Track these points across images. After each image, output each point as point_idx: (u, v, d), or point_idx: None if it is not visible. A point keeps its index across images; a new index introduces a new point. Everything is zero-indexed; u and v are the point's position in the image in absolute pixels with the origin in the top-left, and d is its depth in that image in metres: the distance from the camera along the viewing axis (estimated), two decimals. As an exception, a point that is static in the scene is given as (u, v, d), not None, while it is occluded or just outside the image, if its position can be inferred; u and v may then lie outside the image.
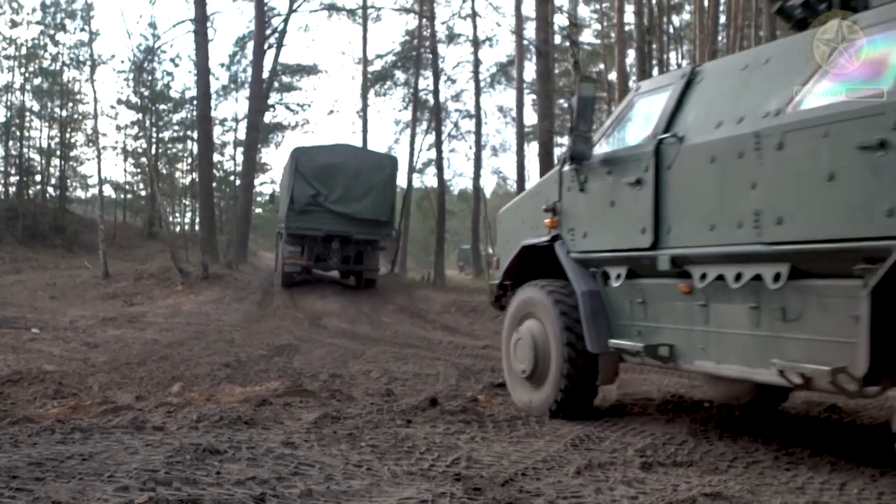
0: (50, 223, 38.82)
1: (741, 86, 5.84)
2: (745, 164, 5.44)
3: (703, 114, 6.09)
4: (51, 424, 6.01)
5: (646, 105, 6.79)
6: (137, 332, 15.32)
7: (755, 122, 5.42)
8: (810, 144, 4.98)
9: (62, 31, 42.59)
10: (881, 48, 4.78)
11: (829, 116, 4.88)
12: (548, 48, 27.63)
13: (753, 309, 5.46)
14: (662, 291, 6.33)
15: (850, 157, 4.70)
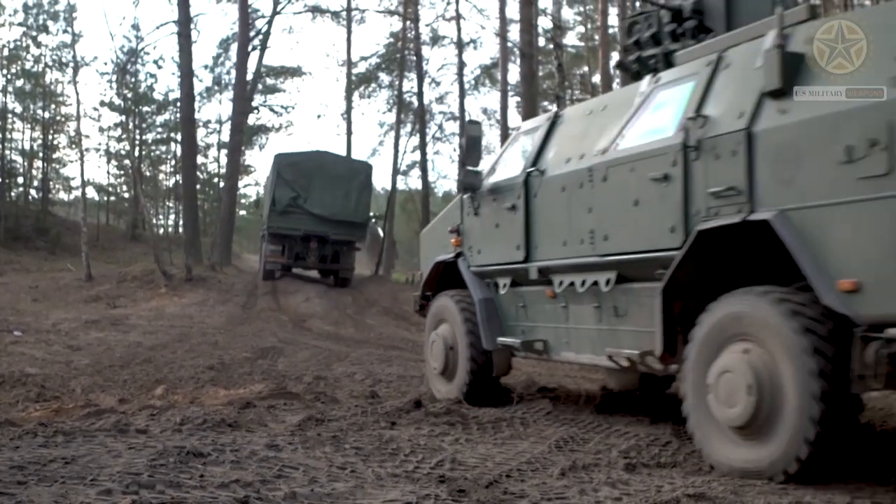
0: (32, 225, 38.62)
1: (585, 128, 7.21)
2: (583, 193, 6.77)
3: (558, 151, 7.43)
4: (33, 428, 5.98)
5: (523, 143, 8.14)
6: (121, 335, 15.26)
7: (590, 158, 6.74)
8: (623, 177, 6.29)
9: (45, 33, 42.48)
10: (672, 99, 6.18)
11: (634, 155, 6.20)
12: (532, 50, 27.70)
13: (596, 308, 6.77)
14: (535, 297, 7.61)
15: (647, 187, 5.99)
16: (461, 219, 8.67)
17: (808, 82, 5.01)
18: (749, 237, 5.36)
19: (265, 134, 47.89)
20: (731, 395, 5.09)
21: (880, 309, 4.43)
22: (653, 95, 6.46)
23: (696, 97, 5.88)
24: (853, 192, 4.54)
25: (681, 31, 7.05)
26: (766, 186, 5.14)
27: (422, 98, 36.55)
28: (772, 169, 5.12)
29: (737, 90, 5.60)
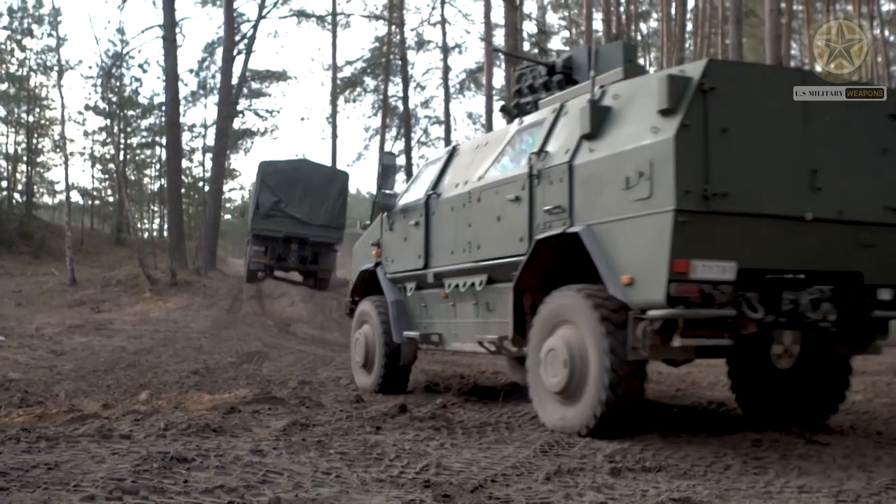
0: (16, 229, 38.40)
1: (472, 160, 8.75)
2: (465, 211, 8.33)
3: (451, 178, 8.97)
4: (16, 433, 5.95)
5: (428, 171, 9.73)
6: (105, 340, 15.22)
7: (470, 184, 8.32)
8: (491, 198, 7.87)
9: (29, 36, 42.29)
10: (528, 138, 7.69)
11: (498, 181, 7.80)
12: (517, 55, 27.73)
13: (474, 305, 8.29)
14: (432, 298, 9.08)
15: (506, 206, 7.56)
16: (381, 234, 10.24)
17: (611, 128, 6.54)
18: (570, 245, 6.64)
19: (250, 138, 47.85)
20: (554, 368, 6.64)
21: (645, 296, 5.91)
22: (517, 135, 8.04)
23: (542, 137, 7.44)
24: (629, 210, 6.08)
25: (552, 83, 8.68)
26: (580, 206, 6.67)
27: (407, 102, 36.63)
28: (583, 193, 6.65)
29: (568, 133, 7.08)
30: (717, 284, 5.83)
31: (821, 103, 6.25)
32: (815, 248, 6.22)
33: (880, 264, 6.43)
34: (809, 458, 5.70)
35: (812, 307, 6.18)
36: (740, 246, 5.93)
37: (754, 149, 6.04)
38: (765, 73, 6.88)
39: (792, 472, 5.26)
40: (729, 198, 5.82)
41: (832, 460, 5.64)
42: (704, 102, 5.87)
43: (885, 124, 6.51)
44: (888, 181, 6.48)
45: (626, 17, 31.87)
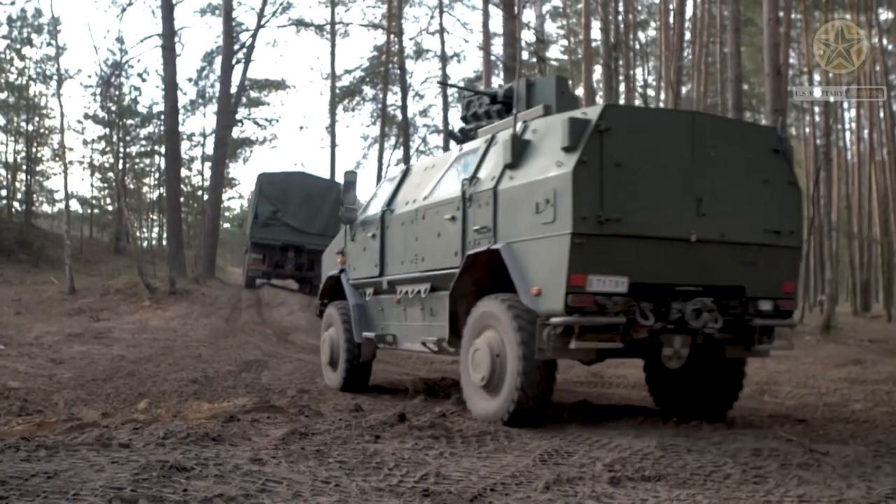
0: (16, 238, 38.40)
1: (421, 180, 9.80)
2: (413, 227, 9.40)
3: (403, 196, 10.01)
4: (15, 442, 5.94)
5: (385, 188, 10.85)
6: (104, 348, 15.21)
7: (418, 203, 9.36)
8: (433, 216, 8.90)
9: (28, 46, 42.32)
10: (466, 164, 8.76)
11: (439, 202, 8.85)
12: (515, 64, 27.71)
13: (421, 310, 9.26)
14: (387, 302, 10.09)
15: (445, 224, 8.62)
16: (345, 243, 11.33)
17: (529, 159, 7.57)
18: (495, 260, 7.65)
19: (249, 147, 47.85)
20: (479, 365, 7.71)
21: (549, 306, 6.94)
22: (457, 160, 9.11)
23: (475, 164, 8.50)
24: (538, 232, 7.11)
25: (493, 112, 9.70)
26: (502, 227, 7.71)
27: (406, 111, 36.67)
28: (505, 215, 7.67)
29: (495, 161, 8.08)
30: (610, 296, 6.89)
31: (708, 140, 7.34)
32: (701, 266, 7.30)
33: (761, 279, 7.56)
34: (809, 468, 5.70)
35: (695, 316, 7.21)
36: (632, 263, 6.97)
37: (645, 180, 7.05)
38: (657, 115, 8.58)
39: (791, 481, 5.26)
40: (621, 222, 6.87)
41: (832, 469, 5.64)
42: (601, 141, 6.89)
43: (768, 157, 7.69)
44: (769, 207, 7.59)
45: (625, 25, 31.90)
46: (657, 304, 7.21)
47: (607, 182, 6.85)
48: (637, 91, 33.16)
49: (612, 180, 6.86)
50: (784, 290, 7.76)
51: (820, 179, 28.11)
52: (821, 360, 14.33)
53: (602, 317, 6.86)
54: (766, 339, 7.76)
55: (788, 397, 10.39)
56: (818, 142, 32.71)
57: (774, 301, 7.68)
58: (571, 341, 6.89)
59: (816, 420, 8.35)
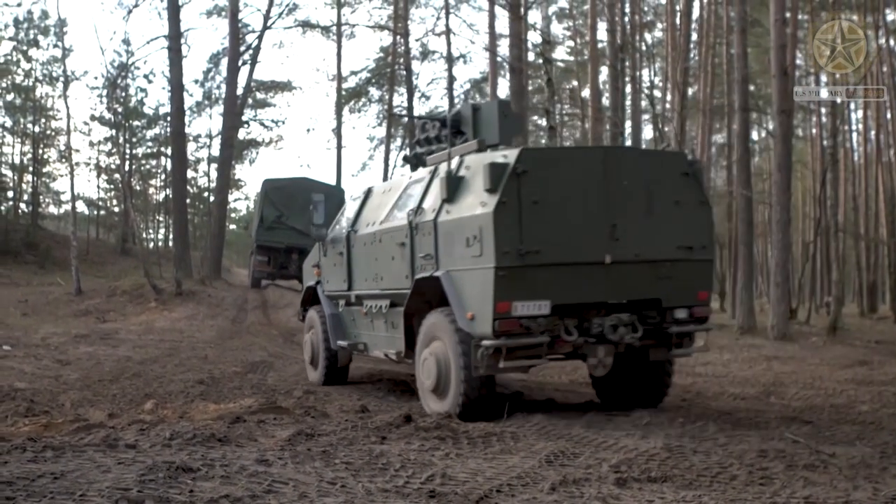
0: (22, 239, 38.51)
1: (380, 202, 10.57)
2: (372, 248, 10.21)
3: (365, 217, 10.83)
4: (22, 443, 5.95)
5: (351, 206, 11.65)
6: (110, 349, 15.23)
7: (376, 226, 10.16)
8: (388, 240, 9.70)
9: (35, 47, 42.39)
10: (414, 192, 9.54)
11: (392, 228, 9.66)
12: (521, 65, 27.69)
13: (384, 322, 9.98)
14: (357, 314, 10.84)
15: (397, 249, 9.42)
16: (319, 258, 12.13)
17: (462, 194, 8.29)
18: (438, 284, 8.39)
19: (255, 148, 47.94)
20: (429, 372, 8.56)
21: (481, 329, 7.77)
22: (408, 187, 9.87)
23: (420, 194, 9.28)
24: (470, 264, 7.94)
25: (443, 136, 10.08)
26: (442, 255, 8.45)
27: (412, 112, 36.58)
28: (444, 245, 8.41)
29: (437, 193, 8.75)
30: (535, 318, 7.75)
31: (620, 171, 8.16)
32: (618, 284, 8.15)
33: (676, 291, 8.38)
34: (815, 469, 5.70)
35: (612, 330, 8.12)
36: (553, 287, 7.83)
37: (561, 213, 7.90)
38: (571, 153, 9.65)
39: (798, 482, 5.25)
40: (540, 253, 7.71)
41: (838, 471, 5.63)
42: (518, 183, 7.72)
43: (679, 181, 8.44)
44: (681, 226, 8.35)
45: (631, 27, 31.86)
46: (581, 320, 8.15)
47: (526, 219, 7.72)
48: (643, 92, 33.03)
49: (531, 217, 7.74)
50: (698, 299, 8.64)
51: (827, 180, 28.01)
52: (827, 361, 14.30)
53: (527, 338, 7.78)
54: (686, 342, 8.77)
55: (795, 398, 10.36)
56: (825, 143, 32.59)
57: (689, 309, 8.54)
58: (501, 361, 7.76)
59: (823, 421, 8.33)
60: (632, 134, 33.41)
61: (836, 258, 29.04)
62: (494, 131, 9.46)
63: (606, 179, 8.11)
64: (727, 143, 34.41)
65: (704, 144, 34.56)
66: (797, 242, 40.53)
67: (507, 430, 7.21)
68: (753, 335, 18.33)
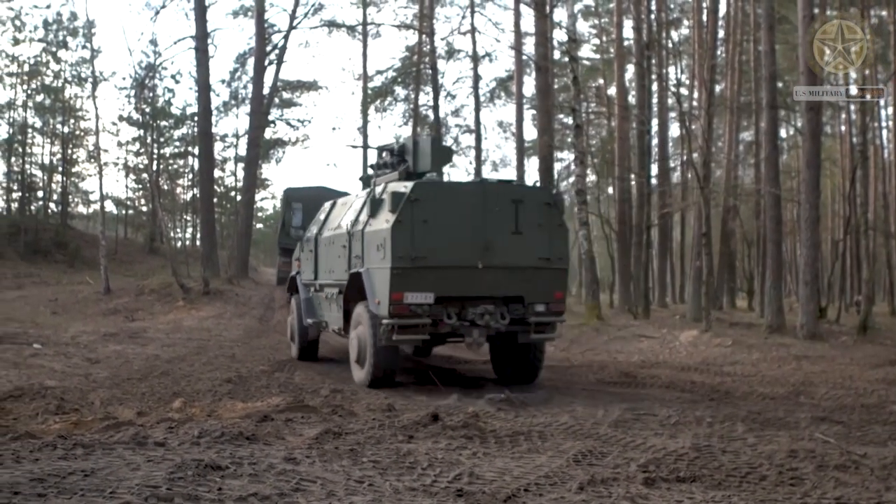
0: (52, 239, 38.85)
1: (338, 213, 13.46)
2: (329, 248, 13.06)
3: (328, 223, 13.73)
4: (52, 440, 6.00)
5: (321, 215, 14.58)
6: (139, 348, 15.33)
7: (332, 231, 13.03)
8: (336, 243, 12.54)
9: (64, 49, 42.68)
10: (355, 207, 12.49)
11: (339, 234, 12.41)
12: (547, 63, 27.69)
13: (336, 305, 12.71)
14: (321, 298, 13.75)
15: (342, 249, 12.14)
16: (299, 253, 15.27)
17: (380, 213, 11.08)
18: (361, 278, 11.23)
19: (282, 147, 47.92)
20: (354, 348, 11.46)
21: (383, 312, 10.63)
22: (354, 202, 12.86)
23: (358, 209, 12.17)
24: (379, 264, 10.75)
25: (390, 162, 13.22)
26: (365, 257, 11.31)
27: (437, 111, 36.57)
28: (367, 249, 11.22)
29: (366, 210, 11.59)
30: (421, 305, 10.63)
31: (494, 200, 11.00)
32: (489, 284, 10.97)
33: (536, 290, 11.21)
34: (846, 470, 5.64)
35: (480, 317, 10.96)
36: (437, 284, 10.72)
37: (445, 231, 10.72)
38: (456, 186, 11.79)
39: (828, 483, 5.21)
40: (427, 258, 10.61)
41: (870, 472, 5.57)
42: (412, 207, 10.60)
43: (543, 209, 11.26)
44: (542, 243, 11.16)
45: (657, 24, 31.67)
46: (460, 309, 10.94)
47: (416, 233, 10.57)
48: (670, 90, 32.89)
49: (420, 232, 10.59)
50: (554, 297, 11.39)
51: (856, 178, 27.77)
52: (857, 360, 14.18)
53: (414, 319, 10.66)
54: (547, 330, 11.44)
55: (824, 398, 10.28)
56: (854, 140, 32.34)
57: (547, 305, 11.28)
58: (394, 335, 10.68)
59: (853, 422, 8.26)
60: (658, 131, 33.25)
61: (866, 256, 28.80)
62: (427, 161, 12.50)
63: (483, 206, 10.97)
64: (755, 141, 34.13)
65: (732, 142, 34.35)
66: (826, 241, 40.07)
67: (535, 430, 7.20)
68: (782, 334, 18.18)
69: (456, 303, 10.88)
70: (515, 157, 38.15)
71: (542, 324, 11.28)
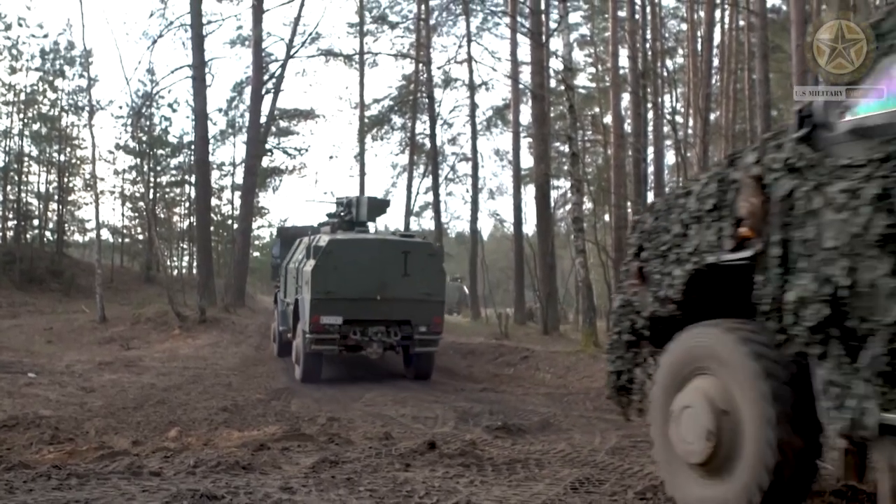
0: (47, 267, 38.76)
1: (297, 250, 17.59)
2: (289, 277, 17.73)
3: (294, 257, 17.61)
4: (47, 470, 5.97)
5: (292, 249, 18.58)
6: (134, 377, 15.28)
7: (291, 264, 17.65)
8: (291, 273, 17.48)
9: (61, 77, 42.75)
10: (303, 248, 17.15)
11: (292, 268, 17.33)
12: (543, 92, 27.89)
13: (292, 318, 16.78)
14: (288, 312, 17.06)
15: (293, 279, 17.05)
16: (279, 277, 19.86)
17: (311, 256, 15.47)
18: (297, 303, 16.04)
19: (279, 176, 47.98)
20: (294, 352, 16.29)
21: (307, 329, 15.00)
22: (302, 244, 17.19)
23: (305, 250, 16.19)
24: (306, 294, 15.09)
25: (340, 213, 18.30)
26: (300, 288, 15.81)
27: (434, 140, 36.73)
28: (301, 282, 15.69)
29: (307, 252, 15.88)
30: (332, 325, 14.68)
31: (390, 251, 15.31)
32: (384, 311, 15.05)
33: (420, 316, 15.22)
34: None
35: (376, 335, 15.09)
36: (344, 310, 14.75)
37: (351, 273, 14.67)
38: (359, 241, 15.69)
39: None
40: (337, 292, 14.65)
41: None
42: (327, 255, 14.74)
43: (426, 258, 15.45)
44: (424, 282, 15.18)
45: (652, 53, 31.83)
46: (363, 328, 15.09)
47: (329, 274, 14.74)
48: (666, 118, 33.02)
49: (332, 273, 14.75)
50: (433, 321, 15.52)
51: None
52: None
53: (327, 335, 14.84)
54: (430, 344, 15.69)
55: None
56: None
57: (428, 326, 15.44)
58: (313, 345, 14.86)
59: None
60: (654, 159, 33.37)
61: None
62: (364, 213, 17.81)
63: (381, 256, 15.17)
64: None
65: (727, 169, 34.34)
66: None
67: (532, 457, 7.18)
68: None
69: (359, 324, 15.07)
70: (512, 184, 38.22)
71: (425, 340, 15.56)
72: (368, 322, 15.09)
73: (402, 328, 15.32)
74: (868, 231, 3.99)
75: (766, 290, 4.62)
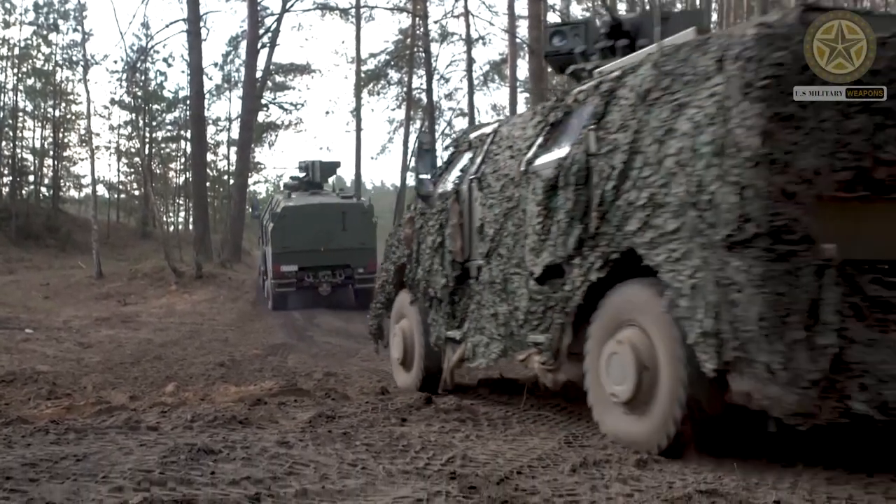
0: (43, 223, 38.76)
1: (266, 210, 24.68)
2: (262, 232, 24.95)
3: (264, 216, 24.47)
4: (45, 425, 5.99)
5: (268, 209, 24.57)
6: (131, 332, 15.33)
7: (264, 222, 24.16)
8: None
9: (55, 32, 42.58)
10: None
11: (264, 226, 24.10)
12: (540, 46, 27.59)
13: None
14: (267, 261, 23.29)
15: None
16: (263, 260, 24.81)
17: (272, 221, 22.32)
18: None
19: (275, 131, 47.99)
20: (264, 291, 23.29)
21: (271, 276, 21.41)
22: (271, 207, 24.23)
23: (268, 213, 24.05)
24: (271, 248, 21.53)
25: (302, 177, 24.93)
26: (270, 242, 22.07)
27: (431, 95, 36.57)
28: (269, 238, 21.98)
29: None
30: (290, 272, 20.42)
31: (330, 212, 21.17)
32: (329, 258, 20.58)
33: (357, 261, 20.63)
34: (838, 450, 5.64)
35: (325, 277, 20.77)
36: (299, 259, 20.34)
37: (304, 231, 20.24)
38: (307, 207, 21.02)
39: (819, 463, 5.21)
40: (291, 245, 20.36)
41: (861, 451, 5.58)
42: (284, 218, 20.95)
43: (360, 215, 21.40)
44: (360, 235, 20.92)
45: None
46: (314, 273, 20.31)
47: (287, 233, 20.35)
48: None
49: (288, 232, 20.29)
50: (369, 264, 19.69)
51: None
52: None
53: (286, 279, 20.30)
54: (368, 282, 18.02)
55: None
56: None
57: (364, 268, 20.16)
58: (276, 288, 20.30)
59: None
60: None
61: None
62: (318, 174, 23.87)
63: (324, 215, 20.28)
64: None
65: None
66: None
67: (528, 412, 7.20)
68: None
69: (311, 269, 20.36)
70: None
71: (363, 279, 20.02)
72: (318, 268, 20.58)
73: (345, 270, 20.79)
74: (432, 243, 8.10)
75: (409, 275, 8.56)
